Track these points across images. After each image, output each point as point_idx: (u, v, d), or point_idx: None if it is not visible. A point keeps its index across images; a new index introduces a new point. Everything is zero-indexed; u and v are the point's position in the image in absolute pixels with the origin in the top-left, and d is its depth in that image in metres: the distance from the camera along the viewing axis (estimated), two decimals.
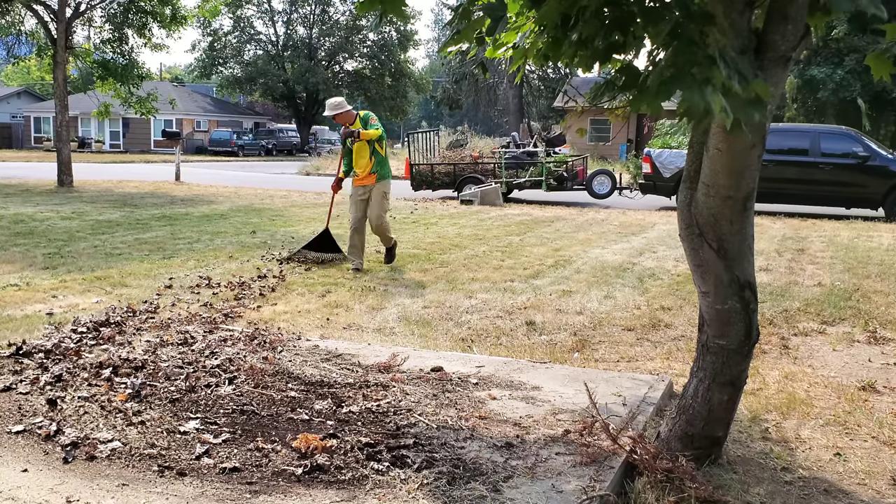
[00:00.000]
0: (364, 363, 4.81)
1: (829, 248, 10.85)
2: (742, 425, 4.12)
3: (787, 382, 4.87)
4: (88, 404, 3.93)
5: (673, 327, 6.24)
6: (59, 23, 19.32)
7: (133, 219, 13.06)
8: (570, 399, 4.22)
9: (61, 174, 19.69)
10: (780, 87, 3.12)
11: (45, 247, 9.70)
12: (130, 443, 3.50)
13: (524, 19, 3.46)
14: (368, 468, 3.26)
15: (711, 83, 2.46)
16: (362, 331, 5.98)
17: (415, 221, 13.81)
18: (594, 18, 2.73)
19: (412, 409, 3.98)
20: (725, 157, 3.11)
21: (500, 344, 5.70)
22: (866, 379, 4.92)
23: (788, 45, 2.96)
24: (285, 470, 3.26)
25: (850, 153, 15.19)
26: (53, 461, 3.34)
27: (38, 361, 4.59)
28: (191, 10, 21.67)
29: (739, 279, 3.33)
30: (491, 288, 7.68)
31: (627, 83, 2.69)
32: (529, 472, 3.27)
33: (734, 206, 3.23)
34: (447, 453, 3.43)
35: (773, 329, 6.18)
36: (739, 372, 3.48)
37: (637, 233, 12.48)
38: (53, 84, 20.29)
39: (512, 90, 43.76)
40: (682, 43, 2.55)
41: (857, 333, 6.10)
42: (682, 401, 3.61)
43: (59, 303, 6.62)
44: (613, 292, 7.53)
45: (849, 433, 4.08)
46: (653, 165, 16.89)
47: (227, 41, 55.13)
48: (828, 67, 27.12)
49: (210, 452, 3.43)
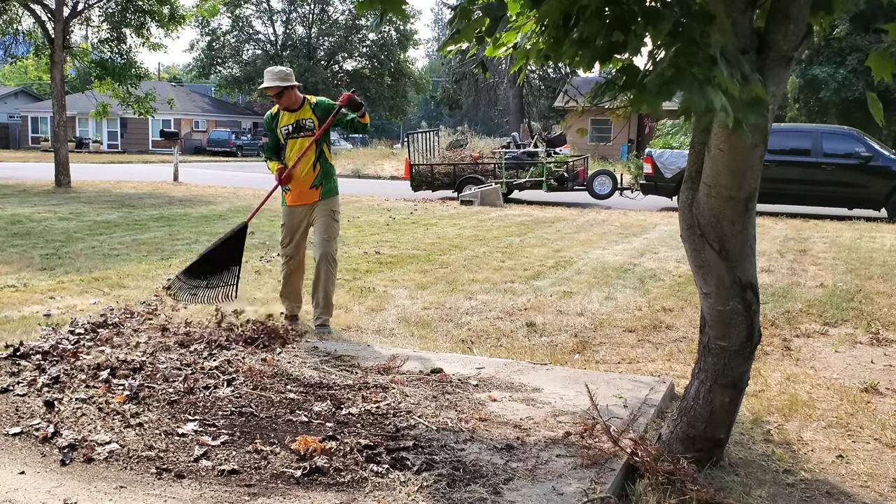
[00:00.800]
0: (363, 365, 4.82)
1: (832, 248, 10.85)
2: (744, 427, 4.12)
3: (789, 384, 4.87)
4: (86, 406, 3.93)
5: (674, 329, 6.24)
6: (56, 22, 19.33)
7: (131, 219, 13.06)
8: (570, 401, 4.22)
9: (59, 174, 19.69)
10: (782, 87, 3.12)
11: (42, 248, 9.70)
12: (128, 445, 3.50)
13: (524, 19, 3.46)
14: (368, 470, 3.26)
15: (712, 83, 2.46)
16: (362, 332, 5.98)
17: (414, 222, 13.81)
18: (595, 18, 2.73)
19: (412, 411, 3.98)
20: (727, 158, 3.11)
21: (500, 345, 5.70)
22: (869, 381, 4.92)
23: (790, 44, 2.96)
24: (284, 472, 3.26)
25: (852, 153, 15.19)
26: (51, 463, 3.34)
27: (36, 363, 4.59)
28: (189, 9, 21.69)
29: (741, 280, 3.33)
30: (491, 289, 7.68)
31: (628, 83, 2.70)
32: (530, 474, 3.27)
33: (736, 206, 3.23)
34: (447, 455, 3.43)
35: (775, 330, 6.18)
36: (741, 373, 3.48)
37: (638, 233, 12.48)
38: (51, 84, 20.30)
39: (512, 90, 43.78)
40: (683, 43, 2.55)
41: (860, 335, 6.10)
42: (684, 402, 3.61)
43: (56, 304, 6.62)
44: (614, 293, 7.53)
45: (851, 435, 4.08)
46: (654, 166, 16.89)
47: (225, 41, 55.18)
48: (830, 67, 27.13)
49: (208, 454, 3.43)
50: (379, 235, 11.74)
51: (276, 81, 5.82)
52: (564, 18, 2.83)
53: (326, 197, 6.05)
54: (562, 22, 2.85)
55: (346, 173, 30.58)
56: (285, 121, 5.97)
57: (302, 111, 5.96)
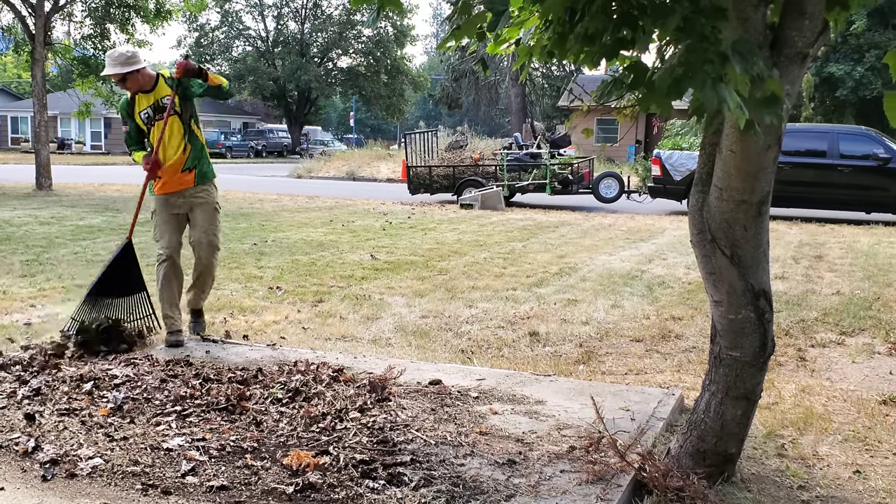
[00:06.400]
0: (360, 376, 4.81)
1: (848, 254, 10.86)
2: (756, 441, 4.12)
3: (804, 396, 4.88)
4: (68, 419, 3.93)
5: (684, 338, 6.25)
6: (37, 17, 19.36)
7: (115, 224, 13.06)
8: (575, 414, 4.23)
9: (39, 177, 19.71)
10: (797, 85, 3.13)
11: (22, 253, 9.70)
12: (113, 460, 3.50)
13: (527, 14, 3.47)
14: (363, 486, 3.26)
15: (725, 80, 2.47)
16: (357, 342, 5.98)
17: (412, 227, 13.82)
18: (601, 13, 2.74)
19: (409, 425, 3.98)
20: (739, 159, 3.12)
21: (501, 356, 5.70)
22: (887, 392, 4.93)
23: (806, 41, 2.97)
24: (276, 488, 3.26)
25: (870, 155, 15.22)
26: (32, 479, 3.34)
27: (16, 374, 4.59)
28: (176, 3, 21.72)
29: (754, 288, 3.34)
30: (492, 297, 7.68)
31: (636, 81, 2.70)
32: (533, 490, 3.27)
33: (748, 210, 3.23)
34: (446, 471, 3.43)
35: (790, 340, 6.19)
36: (754, 385, 3.48)
37: (646, 239, 12.50)
38: (31, 82, 20.32)
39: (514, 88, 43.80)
40: (693, 39, 2.56)
41: (878, 344, 6.10)
42: (694, 415, 3.61)
43: (37, 312, 6.62)
44: (621, 301, 7.54)
45: (869, 449, 4.08)
46: (663, 168, 16.91)
47: (214, 37, 55.28)
48: (847, 64, 27.20)
49: (196, 470, 3.42)
50: (375, 240, 11.75)
51: (117, 68, 5.36)
52: (569, 13, 2.84)
53: (202, 183, 5.63)
54: (566, 17, 2.86)
55: (341, 175, 30.65)
56: (143, 104, 5.54)
57: (157, 90, 5.53)
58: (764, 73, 2.57)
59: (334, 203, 18.45)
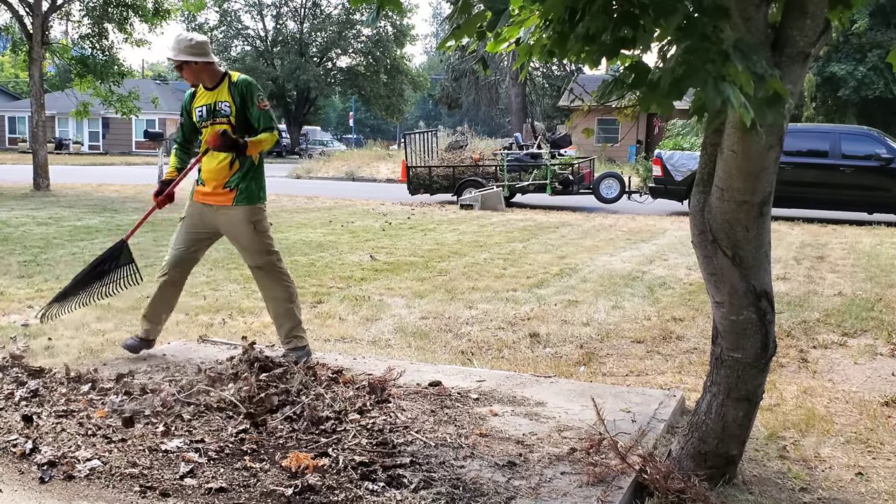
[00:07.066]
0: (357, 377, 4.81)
1: (851, 255, 10.87)
2: (758, 443, 4.12)
3: (806, 398, 4.88)
4: (66, 421, 3.92)
5: (685, 339, 6.24)
6: (35, 17, 19.37)
7: (113, 224, 13.06)
8: (576, 415, 4.22)
9: (37, 177, 19.71)
10: (799, 85, 3.13)
11: (20, 254, 9.70)
12: (111, 462, 3.49)
13: (528, 13, 3.47)
14: (363, 489, 3.26)
15: (728, 79, 2.46)
16: (356, 343, 5.98)
17: (412, 227, 13.83)
18: (601, 12, 2.74)
19: (409, 426, 3.97)
20: (741, 160, 3.12)
21: (502, 357, 5.70)
22: (890, 394, 4.93)
23: (807, 40, 2.97)
24: (275, 490, 3.26)
25: (872, 155, 15.23)
26: (29, 481, 3.34)
27: (14, 375, 4.59)
28: (174, 3, 21.73)
29: (755, 288, 3.33)
30: (492, 298, 7.68)
31: (637, 80, 2.70)
32: (533, 492, 3.27)
33: (750, 211, 3.23)
34: (446, 473, 3.43)
35: (791, 341, 6.19)
36: (755, 387, 3.48)
37: (647, 239, 12.50)
38: (29, 82, 20.33)
39: (515, 88, 43.79)
40: (694, 38, 2.56)
41: (880, 346, 6.10)
42: (695, 417, 3.61)
43: (35, 314, 6.61)
44: (622, 302, 7.54)
45: (871, 451, 4.08)
46: (664, 168, 16.91)
47: (212, 36, 55.22)
48: (849, 64, 27.20)
49: (195, 472, 3.42)
50: (374, 241, 11.75)
51: (171, 52, 4.86)
52: (570, 12, 2.84)
53: (242, 203, 4.95)
54: (567, 16, 2.86)
55: (340, 176, 30.65)
56: (201, 101, 5.00)
57: (219, 90, 4.93)
58: (766, 72, 2.57)
59: (333, 203, 18.45)
